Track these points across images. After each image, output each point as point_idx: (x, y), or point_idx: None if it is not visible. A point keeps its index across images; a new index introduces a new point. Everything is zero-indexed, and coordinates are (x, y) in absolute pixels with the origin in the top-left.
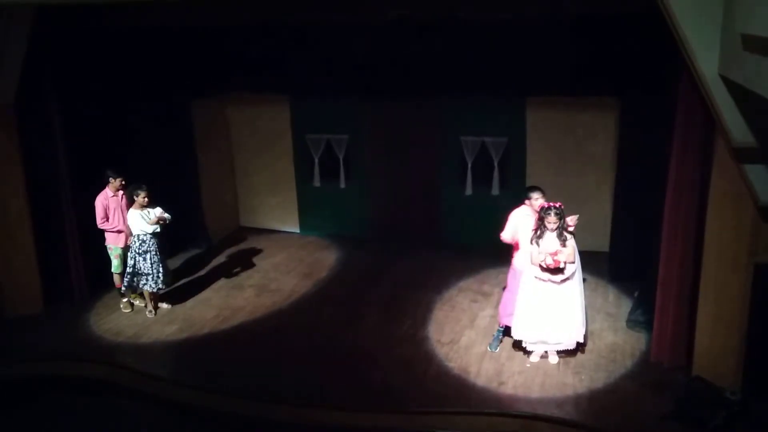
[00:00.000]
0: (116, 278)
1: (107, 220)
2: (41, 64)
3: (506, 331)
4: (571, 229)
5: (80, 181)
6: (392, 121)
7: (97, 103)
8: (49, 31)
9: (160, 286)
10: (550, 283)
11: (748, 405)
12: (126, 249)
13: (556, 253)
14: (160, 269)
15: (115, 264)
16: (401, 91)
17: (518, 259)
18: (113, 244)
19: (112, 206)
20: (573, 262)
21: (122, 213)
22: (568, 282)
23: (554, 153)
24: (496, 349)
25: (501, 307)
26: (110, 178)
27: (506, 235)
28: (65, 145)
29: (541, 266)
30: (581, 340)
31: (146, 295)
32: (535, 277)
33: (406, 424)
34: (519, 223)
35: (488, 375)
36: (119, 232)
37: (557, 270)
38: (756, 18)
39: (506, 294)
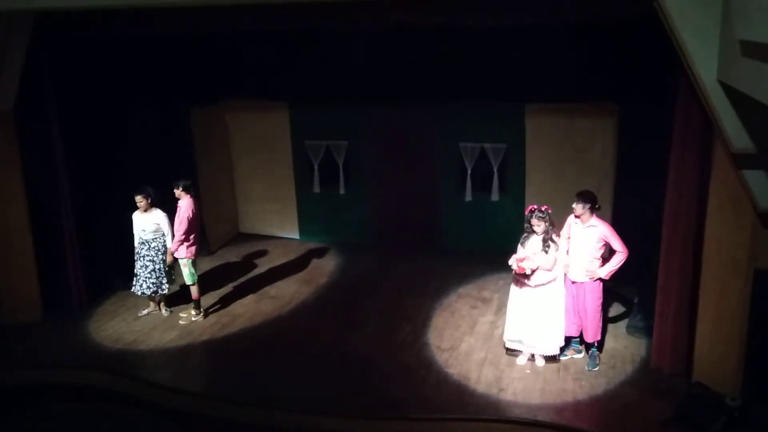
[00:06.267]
0: (193, 289)
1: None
2: (41, 71)
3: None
4: (524, 269)
5: (79, 188)
6: (392, 127)
7: (97, 110)
8: (49, 38)
9: (145, 291)
10: (528, 286)
11: (749, 411)
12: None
13: (522, 260)
14: (147, 275)
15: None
16: (401, 97)
17: (570, 270)
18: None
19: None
20: (549, 270)
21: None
22: (548, 289)
23: (553, 159)
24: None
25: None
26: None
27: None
28: (65, 152)
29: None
30: (562, 344)
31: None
32: (515, 277)
33: (406, 430)
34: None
35: (488, 381)
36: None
37: (525, 275)
38: (754, 24)
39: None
